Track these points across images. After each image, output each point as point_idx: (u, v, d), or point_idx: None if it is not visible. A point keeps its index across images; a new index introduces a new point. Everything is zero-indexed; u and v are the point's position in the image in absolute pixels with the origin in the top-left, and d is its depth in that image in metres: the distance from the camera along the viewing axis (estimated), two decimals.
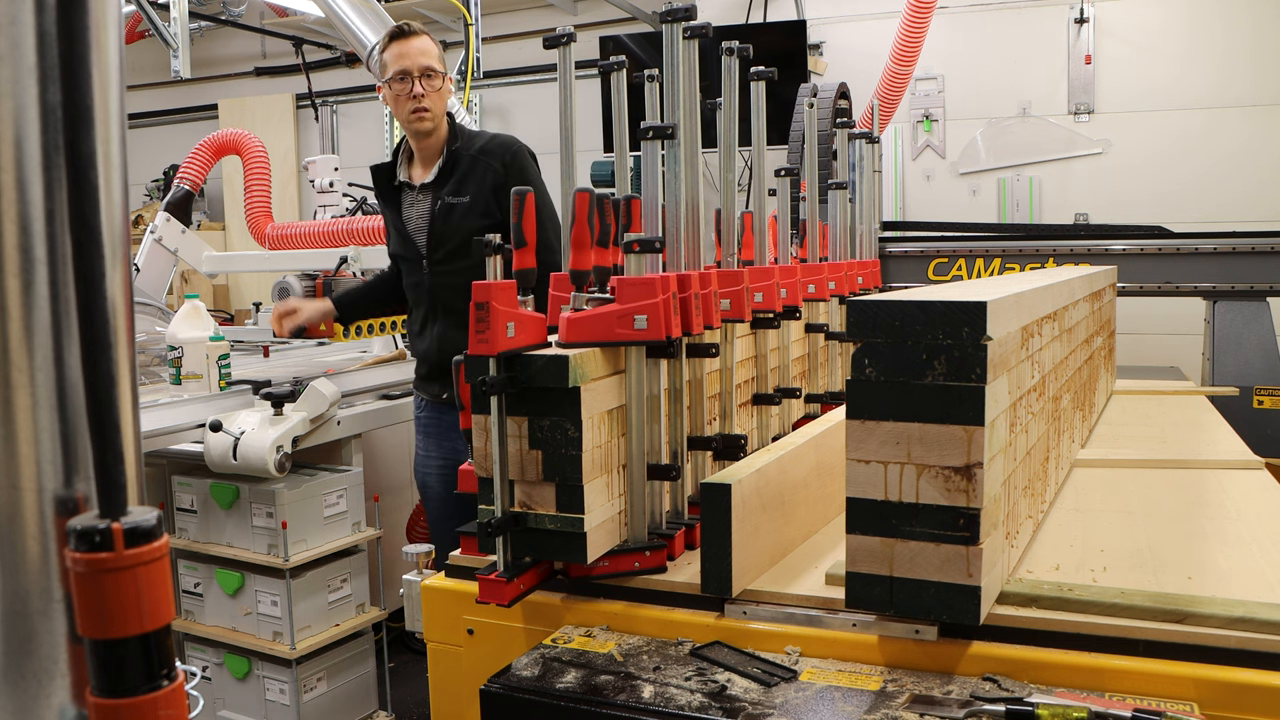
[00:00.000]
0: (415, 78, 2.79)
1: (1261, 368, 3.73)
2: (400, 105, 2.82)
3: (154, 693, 0.71)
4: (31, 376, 0.71)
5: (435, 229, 2.85)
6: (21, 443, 0.71)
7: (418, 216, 2.91)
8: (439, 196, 2.85)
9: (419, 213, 2.91)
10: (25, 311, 0.70)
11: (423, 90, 2.79)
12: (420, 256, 2.90)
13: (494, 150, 2.89)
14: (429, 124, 2.83)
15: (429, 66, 2.81)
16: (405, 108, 2.81)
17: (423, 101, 2.79)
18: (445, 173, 2.87)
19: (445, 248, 2.86)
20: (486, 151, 2.88)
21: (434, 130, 2.86)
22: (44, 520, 0.72)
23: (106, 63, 0.73)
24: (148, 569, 0.70)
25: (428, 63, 2.82)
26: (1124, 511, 1.76)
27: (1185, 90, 5.47)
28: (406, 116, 2.82)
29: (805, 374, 2.35)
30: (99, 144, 0.71)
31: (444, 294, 2.87)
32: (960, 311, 1.21)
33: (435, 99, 2.82)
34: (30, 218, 0.70)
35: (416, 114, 2.81)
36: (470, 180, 2.85)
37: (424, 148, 2.90)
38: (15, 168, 0.69)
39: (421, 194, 2.91)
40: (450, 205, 2.84)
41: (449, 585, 1.61)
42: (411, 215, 2.92)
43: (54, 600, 0.73)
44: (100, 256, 0.70)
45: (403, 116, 2.84)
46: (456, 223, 2.83)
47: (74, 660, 0.73)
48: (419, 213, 2.91)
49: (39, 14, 0.69)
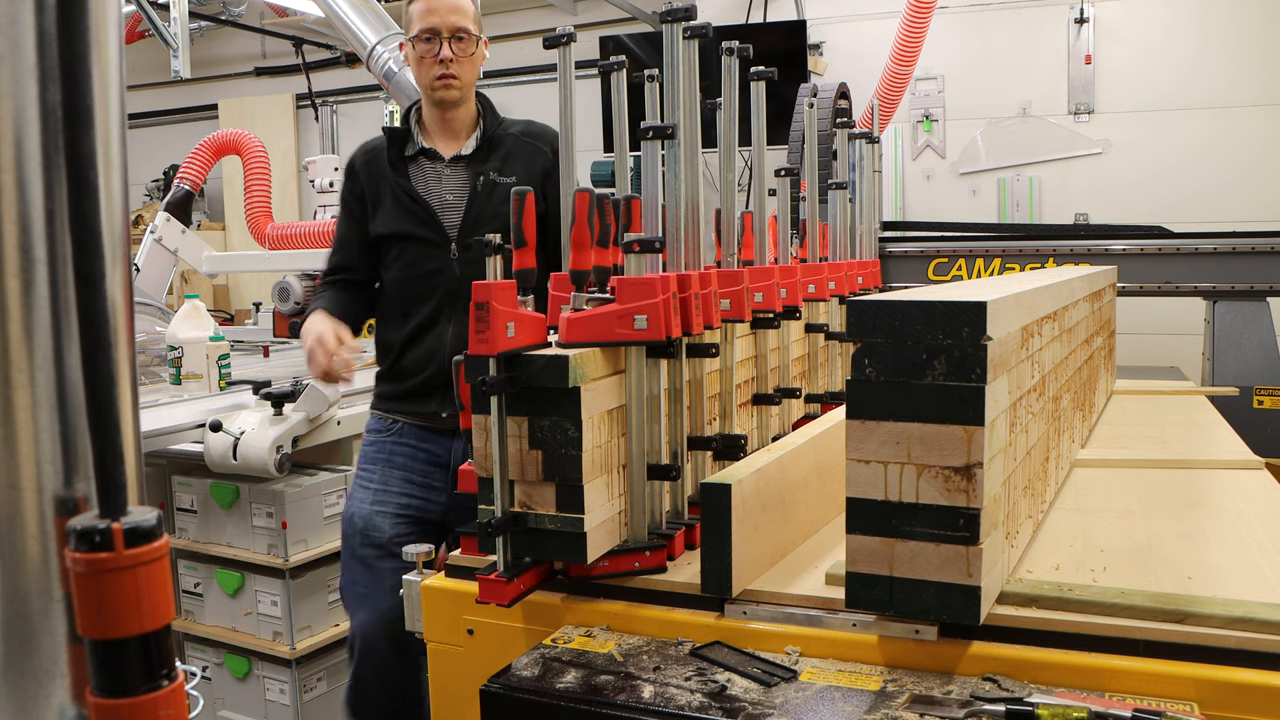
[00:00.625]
0: (444, 39, 2.38)
1: (1261, 368, 3.73)
2: (424, 68, 2.42)
3: (154, 693, 0.71)
4: (31, 376, 0.71)
5: (475, 207, 2.44)
6: (21, 443, 0.71)
7: (449, 191, 2.47)
8: (481, 171, 2.46)
9: (451, 187, 2.47)
10: (25, 311, 0.70)
11: (452, 54, 2.39)
12: (447, 238, 2.45)
13: (542, 134, 2.57)
14: (455, 93, 2.43)
15: (462, 27, 2.41)
16: (430, 72, 2.41)
17: (450, 67, 2.39)
18: (486, 148, 2.50)
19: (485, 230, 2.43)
20: (533, 134, 2.55)
21: (461, 101, 2.47)
22: (44, 520, 0.72)
23: (106, 63, 0.73)
24: (148, 569, 0.70)
25: (461, 22, 2.41)
26: (1124, 511, 1.76)
27: (1186, 90, 5.47)
28: (430, 82, 2.42)
29: (805, 374, 2.35)
30: (99, 144, 0.71)
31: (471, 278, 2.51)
32: (960, 311, 1.21)
33: (466, 65, 2.43)
34: (30, 218, 0.70)
35: (443, 80, 2.40)
36: (517, 161, 2.49)
37: (449, 120, 2.49)
38: (15, 168, 0.69)
39: (453, 167, 2.49)
40: (495, 183, 2.45)
41: (449, 585, 1.61)
42: (438, 189, 2.47)
43: (54, 600, 0.73)
44: (100, 256, 0.70)
45: (425, 81, 2.44)
46: (500, 204, 2.44)
47: (74, 660, 0.73)
48: (451, 187, 2.47)
49: (39, 14, 0.69)
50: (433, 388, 2.41)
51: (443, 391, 2.39)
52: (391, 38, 4.17)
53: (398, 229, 2.45)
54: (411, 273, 2.46)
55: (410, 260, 2.46)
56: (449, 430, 2.43)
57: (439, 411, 2.41)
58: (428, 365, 2.43)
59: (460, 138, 2.50)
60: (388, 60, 4.14)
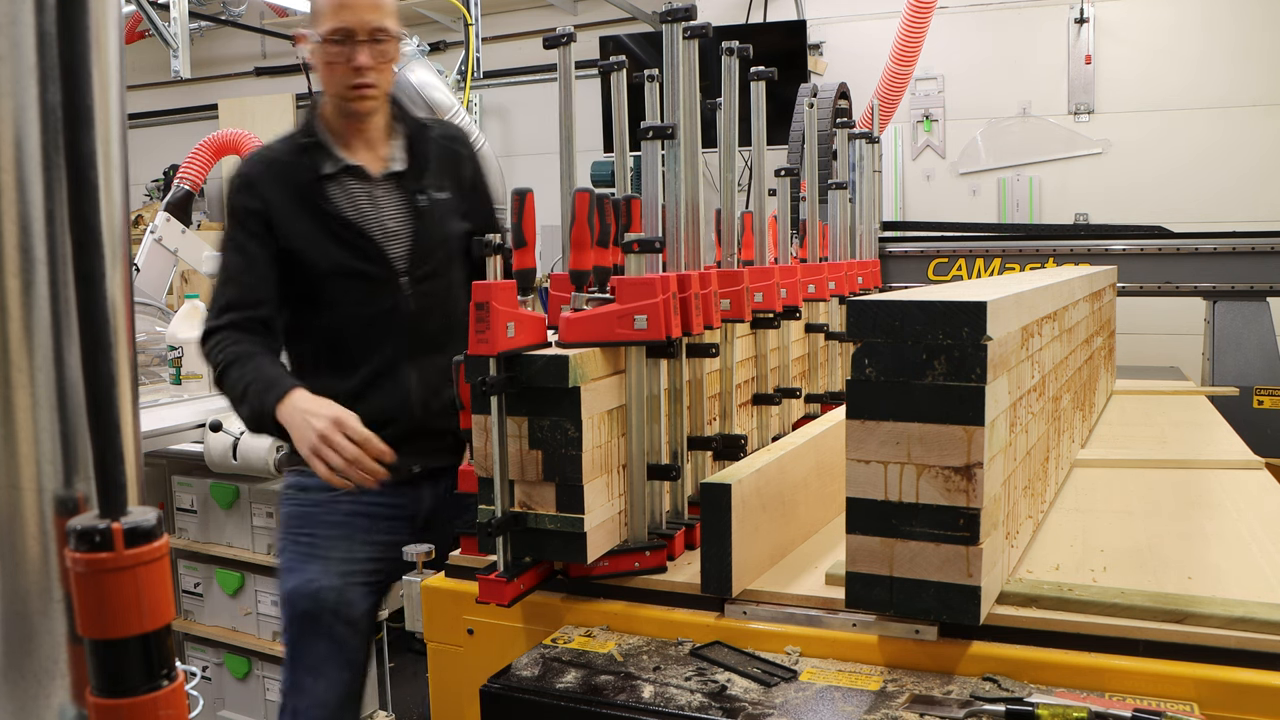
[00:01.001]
0: (360, 41, 1.97)
1: (1261, 368, 3.73)
2: (334, 74, 1.99)
3: (154, 693, 0.71)
4: (31, 376, 0.71)
5: (424, 233, 2.09)
6: (21, 443, 0.71)
7: (389, 217, 2.08)
8: (418, 189, 2.10)
9: (390, 212, 2.08)
10: (25, 311, 0.70)
11: (370, 60, 1.98)
12: (395, 272, 2.06)
13: (458, 136, 2.26)
14: (372, 104, 2.05)
15: (380, 27, 1.99)
16: (341, 79, 1.99)
17: (367, 75, 1.98)
18: (417, 162, 2.13)
19: (434, 259, 2.10)
20: (450, 137, 2.23)
21: (378, 109, 2.10)
22: (44, 520, 0.72)
23: (106, 63, 0.73)
24: (148, 569, 0.70)
25: (380, 21, 1.99)
26: (1124, 511, 1.76)
27: (1186, 90, 5.47)
28: (342, 91, 2.00)
29: (805, 374, 2.35)
30: (99, 144, 0.71)
31: (428, 323, 2.09)
32: (960, 311, 1.21)
33: (385, 72, 2.04)
34: (30, 218, 0.70)
35: (358, 90, 2.00)
36: (445, 171, 2.17)
37: (364, 129, 2.09)
38: (15, 168, 0.69)
39: (385, 186, 2.09)
40: (436, 201, 2.12)
41: (449, 585, 1.61)
42: (375, 215, 2.06)
43: (54, 600, 0.73)
44: (100, 256, 0.70)
45: (336, 89, 2.02)
46: (443, 225, 2.12)
47: (74, 660, 0.73)
48: (390, 212, 2.08)
49: (39, 14, 0.69)
50: (400, 440, 1.93)
51: (412, 443, 2.01)
52: None
53: (339, 265, 2.03)
54: (359, 315, 2.05)
55: (357, 300, 2.05)
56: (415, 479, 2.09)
57: (410, 465, 2.03)
58: (394, 417, 2.02)
59: (378, 147, 2.11)
60: None
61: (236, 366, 1.94)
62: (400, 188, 2.10)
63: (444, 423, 1.99)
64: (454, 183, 2.17)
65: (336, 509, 2.07)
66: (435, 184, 2.13)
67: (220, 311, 2.01)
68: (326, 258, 2.03)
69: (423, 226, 2.09)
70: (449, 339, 2.01)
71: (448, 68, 5.10)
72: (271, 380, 1.91)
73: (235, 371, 1.94)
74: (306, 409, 1.84)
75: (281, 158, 2.06)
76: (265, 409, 1.88)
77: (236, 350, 1.96)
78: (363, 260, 2.04)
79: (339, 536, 2.06)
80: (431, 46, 6.37)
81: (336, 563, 2.05)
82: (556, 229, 1.76)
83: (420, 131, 2.17)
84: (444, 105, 4.12)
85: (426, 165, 2.13)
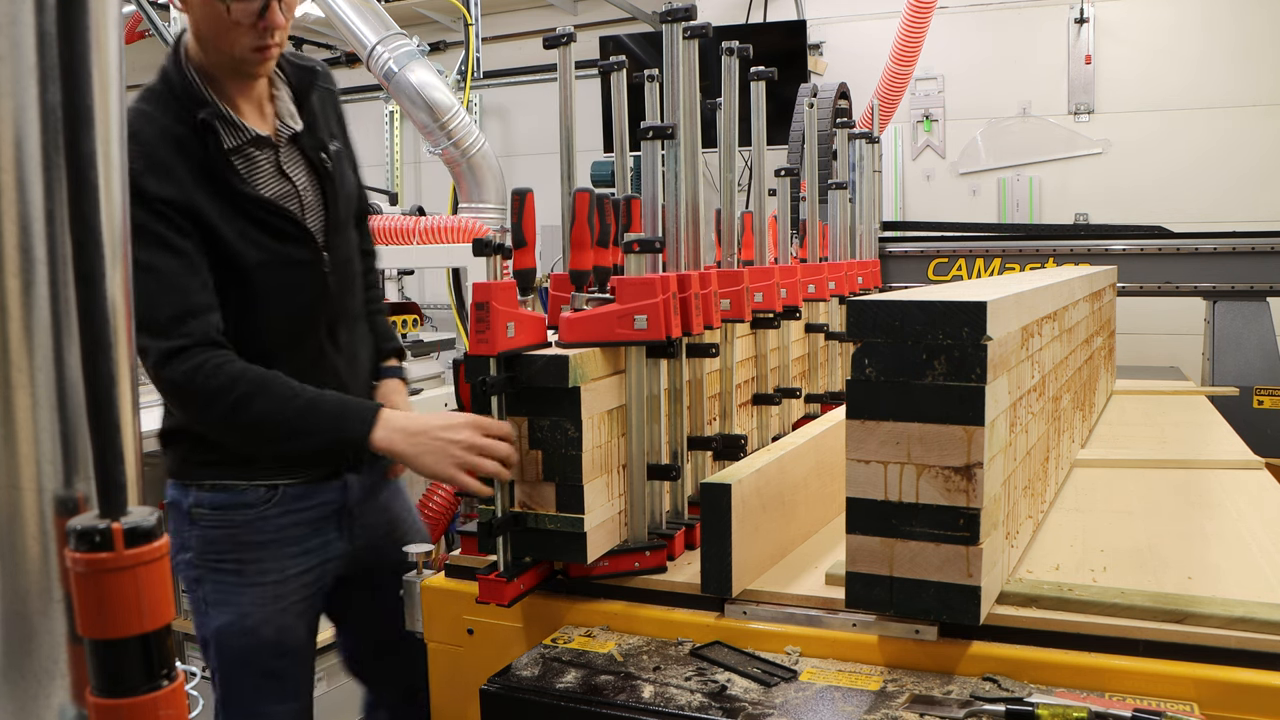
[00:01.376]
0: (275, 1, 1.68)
1: (1261, 368, 3.73)
2: (236, 34, 1.67)
3: (154, 693, 0.71)
4: (31, 376, 0.71)
5: (333, 197, 1.83)
6: (21, 443, 0.71)
7: (301, 189, 1.81)
8: (317, 146, 1.84)
9: (302, 182, 1.82)
10: (25, 311, 0.70)
11: (283, 20, 1.70)
12: (319, 251, 1.80)
13: (320, 70, 1.94)
14: (272, 64, 1.76)
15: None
16: (244, 40, 1.67)
17: (276, 35, 1.70)
18: (309, 112, 1.85)
19: (344, 225, 1.87)
20: (316, 72, 1.91)
21: None
22: (44, 520, 0.72)
23: (106, 63, 0.73)
24: (148, 569, 0.70)
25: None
26: (1124, 511, 1.76)
27: (1187, 90, 5.46)
28: (245, 53, 1.69)
29: (805, 374, 2.35)
30: (99, 144, 0.71)
31: (346, 299, 1.87)
32: (960, 311, 1.21)
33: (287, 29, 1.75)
34: (30, 218, 0.70)
35: (264, 52, 1.70)
36: (330, 116, 1.91)
37: (253, 87, 1.78)
38: (15, 168, 0.69)
39: (288, 150, 1.81)
40: (334, 155, 1.87)
41: (449, 585, 1.61)
42: (287, 189, 1.79)
43: (54, 600, 0.73)
44: (100, 256, 0.70)
45: (238, 49, 1.68)
46: (344, 182, 1.88)
47: (74, 660, 0.73)
48: (302, 182, 1.82)
49: (39, 14, 0.69)
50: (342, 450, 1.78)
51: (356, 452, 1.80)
52: (391, 38, 4.17)
53: (268, 256, 1.73)
54: (286, 306, 1.77)
55: (284, 291, 1.76)
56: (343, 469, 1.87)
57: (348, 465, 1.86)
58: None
59: (264, 105, 1.81)
60: (388, 60, 4.14)
61: (262, 397, 1.64)
62: (300, 150, 1.83)
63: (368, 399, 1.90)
64: (339, 126, 1.93)
65: (264, 525, 1.79)
66: (328, 133, 1.89)
67: (175, 324, 1.62)
68: (253, 249, 1.71)
69: (332, 189, 1.84)
70: (357, 305, 1.89)
71: (448, 68, 5.10)
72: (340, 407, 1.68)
73: (264, 403, 1.64)
74: (427, 428, 1.59)
75: (175, 128, 1.69)
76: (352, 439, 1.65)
77: (243, 372, 1.65)
78: (290, 244, 1.76)
79: (269, 556, 1.80)
80: (431, 46, 6.37)
81: (270, 587, 1.80)
82: (556, 229, 1.76)
83: (303, 79, 1.87)
84: (444, 105, 4.12)
85: (317, 115, 1.87)
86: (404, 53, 4.13)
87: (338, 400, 1.68)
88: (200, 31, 1.72)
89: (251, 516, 1.78)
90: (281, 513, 1.80)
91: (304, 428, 1.65)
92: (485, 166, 4.23)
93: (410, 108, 4.15)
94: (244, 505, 1.77)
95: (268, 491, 1.79)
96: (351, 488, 1.88)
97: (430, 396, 3.70)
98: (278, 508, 1.79)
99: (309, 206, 1.81)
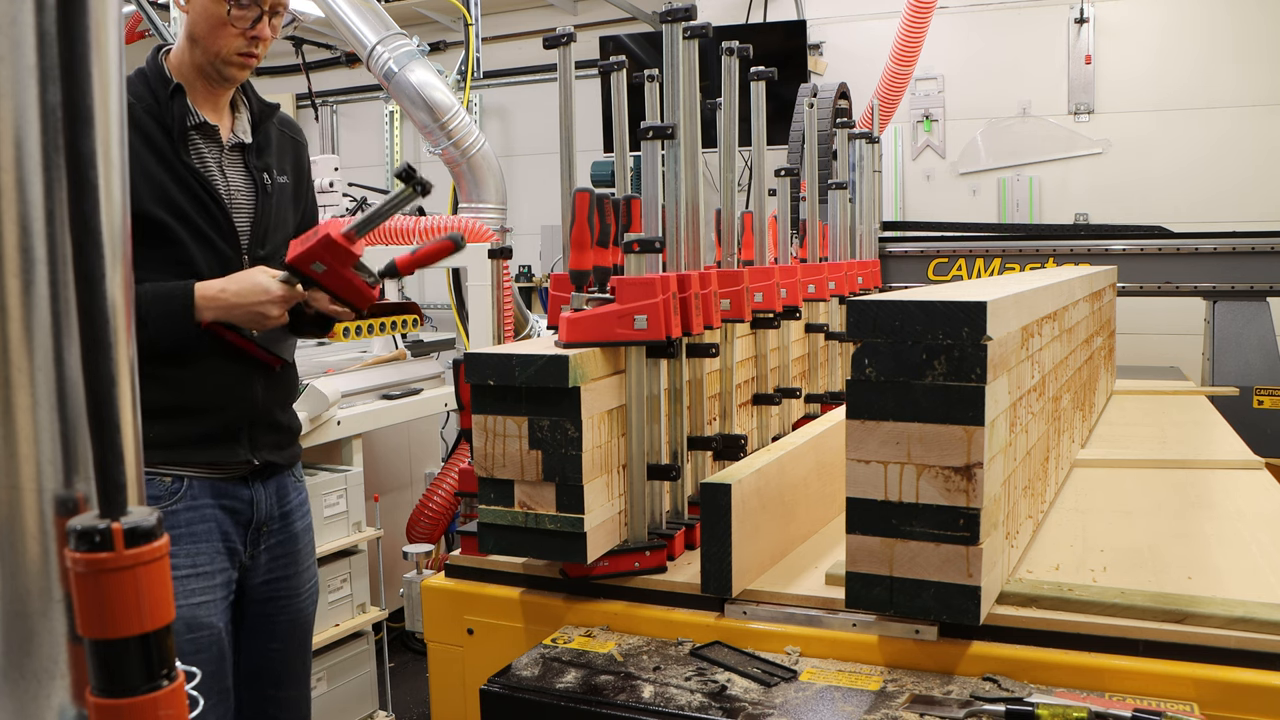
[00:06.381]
0: (265, 11, 1.90)
1: (1261, 368, 3.73)
2: (224, 36, 1.87)
3: (154, 693, 0.71)
4: (31, 376, 0.71)
5: (265, 212, 1.97)
6: (21, 443, 0.71)
7: (235, 187, 1.96)
8: (261, 166, 2.00)
9: (237, 183, 1.97)
10: (25, 311, 0.70)
11: (270, 34, 1.92)
12: (239, 247, 1.93)
13: (293, 124, 2.16)
14: (247, 74, 1.97)
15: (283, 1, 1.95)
16: (234, 43, 1.87)
17: (259, 46, 1.91)
18: (262, 137, 2.03)
19: (272, 243, 1.98)
20: (288, 124, 2.13)
21: None
22: (44, 520, 0.72)
23: (106, 63, 0.73)
24: (148, 569, 0.70)
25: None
26: (1124, 511, 1.76)
27: (1186, 90, 5.46)
28: (229, 55, 1.88)
29: (805, 374, 2.35)
30: (99, 144, 0.71)
31: None
32: (960, 311, 1.21)
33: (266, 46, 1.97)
34: (30, 218, 0.70)
35: (245, 59, 1.90)
36: (285, 155, 2.08)
37: (220, 95, 1.97)
38: (15, 168, 0.69)
39: (231, 155, 1.97)
40: (278, 184, 2.02)
41: (449, 585, 1.61)
42: (221, 182, 1.94)
43: (54, 600, 0.73)
44: (100, 256, 0.70)
45: (223, 50, 1.88)
46: (281, 210, 2.02)
47: (74, 660, 0.73)
48: (237, 183, 1.97)
49: (39, 14, 0.69)
50: (239, 427, 1.88)
51: (253, 433, 1.92)
52: (391, 38, 4.17)
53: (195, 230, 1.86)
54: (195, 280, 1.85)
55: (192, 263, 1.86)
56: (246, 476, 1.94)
57: (250, 458, 1.91)
58: (231, 400, 1.89)
59: (224, 115, 1.99)
60: (388, 60, 4.14)
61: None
62: (245, 162, 1.98)
63: (285, 418, 2.02)
64: (293, 170, 2.09)
65: (177, 517, 1.84)
66: (277, 166, 2.04)
67: None
68: (183, 220, 1.85)
69: (267, 205, 1.98)
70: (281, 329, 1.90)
71: (448, 68, 5.10)
72: (162, 293, 1.78)
73: None
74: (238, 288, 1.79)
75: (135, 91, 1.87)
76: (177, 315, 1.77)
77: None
78: (210, 225, 1.89)
79: (182, 552, 1.84)
80: (431, 46, 6.36)
81: (181, 581, 1.82)
82: (556, 229, 1.76)
83: (264, 110, 2.05)
84: (444, 105, 4.12)
85: (269, 144, 2.03)
86: (404, 53, 4.13)
87: (161, 291, 1.79)
88: (196, 29, 1.90)
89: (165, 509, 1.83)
90: (190, 507, 1.87)
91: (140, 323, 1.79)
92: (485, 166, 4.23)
93: (410, 108, 4.15)
94: (155, 498, 1.85)
95: (175, 482, 1.86)
96: (259, 501, 1.97)
97: (430, 396, 3.70)
98: (187, 501, 1.86)
99: (239, 207, 1.95)
